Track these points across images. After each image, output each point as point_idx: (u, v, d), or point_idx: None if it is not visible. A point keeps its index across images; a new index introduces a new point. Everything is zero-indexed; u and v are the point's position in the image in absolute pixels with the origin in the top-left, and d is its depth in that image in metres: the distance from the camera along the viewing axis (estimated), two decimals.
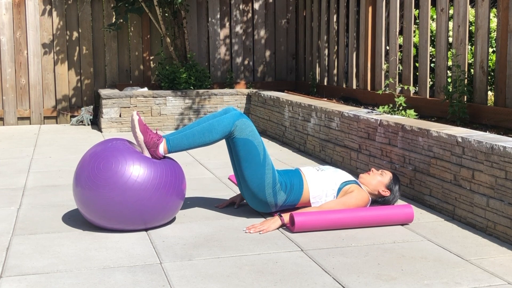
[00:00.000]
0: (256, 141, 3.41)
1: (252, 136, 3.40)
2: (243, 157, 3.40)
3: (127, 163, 3.15)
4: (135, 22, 8.10)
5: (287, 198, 3.49)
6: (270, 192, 3.43)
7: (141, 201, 3.13)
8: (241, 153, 3.41)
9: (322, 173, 3.58)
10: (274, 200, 3.46)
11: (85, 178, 3.17)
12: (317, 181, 3.53)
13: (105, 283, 2.55)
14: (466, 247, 3.01)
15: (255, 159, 3.40)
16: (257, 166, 3.40)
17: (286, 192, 3.48)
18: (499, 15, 4.44)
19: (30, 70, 7.84)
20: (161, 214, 3.24)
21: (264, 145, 3.45)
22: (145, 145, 3.26)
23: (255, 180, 3.41)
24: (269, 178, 3.42)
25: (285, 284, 2.53)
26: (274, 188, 3.44)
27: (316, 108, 5.47)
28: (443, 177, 3.59)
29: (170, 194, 3.22)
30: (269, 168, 3.43)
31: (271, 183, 3.42)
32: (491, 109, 4.50)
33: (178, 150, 3.35)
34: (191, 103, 7.43)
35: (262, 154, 3.41)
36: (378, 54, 6.12)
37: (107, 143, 3.30)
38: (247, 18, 8.42)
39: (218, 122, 3.36)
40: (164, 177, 3.19)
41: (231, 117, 3.38)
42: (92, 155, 3.24)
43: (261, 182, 3.41)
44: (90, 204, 3.16)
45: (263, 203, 3.47)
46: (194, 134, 3.36)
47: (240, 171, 3.45)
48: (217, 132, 3.35)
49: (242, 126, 3.38)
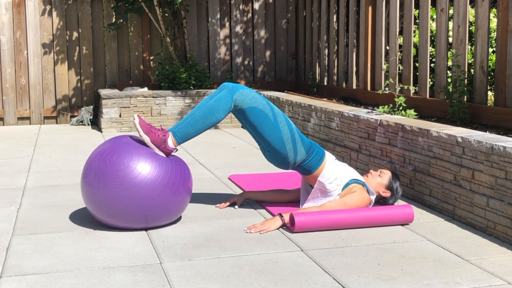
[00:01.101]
0: (260, 105, 3.45)
1: (255, 102, 3.44)
2: (255, 123, 3.46)
3: (140, 159, 3.17)
4: (135, 22, 8.10)
5: (306, 159, 3.53)
6: (291, 147, 3.49)
7: (147, 199, 3.14)
8: (251, 121, 3.46)
9: (340, 164, 3.65)
10: (294, 155, 3.51)
11: (95, 169, 3.19)
12: (334, 166, 3.58)
13: (105, 283, 2.55)
14: (466, 247, 3.01)
15: (266, 121, 3.45)
16: (271, 127, 3.46)
17: (307, 152, 3.52)
18: (499, 15, 4.44)
19: (30, 70, 7.84)
20: (165, 214, 3.24)
21: (271, 104, 3.51)
22: (154, 145, 3.27)
23: (274, 139, 3.47)
24: (286, 134, 3.48)
25: (285, 284, 2.53)
26: (294, 143, 3.49)
27: (316, 108, 5.46)
28: (443, 177, 3.59)
29: (177, 195, 3.24)
30: (284, 124, 3.48)
31: (289, 138, 3.48)
32: (491, 109, 4.50)
33: (187, 139, 3.39)
34: (191, 103, 7.43)
35: (271, 114, 3.47)
36: (378, 54, 6.12)
37: (122, 138, 3.33)
38: (247, 18, 8.42)
39: (217, 102, 3.39)
40: (174, 177, 3.22)
41: (228, 93, 3.41)
42: (105, 149, 3.25)
43: (280, 139, 3.47)
44: (98, 198, 3.17)
45: (283, 158, 3.52)
46: (197, 120, 3.38)
47: (257, 136, 3.52)
48: (219, 111, 3.39)
49: (241, 97, 3.42)
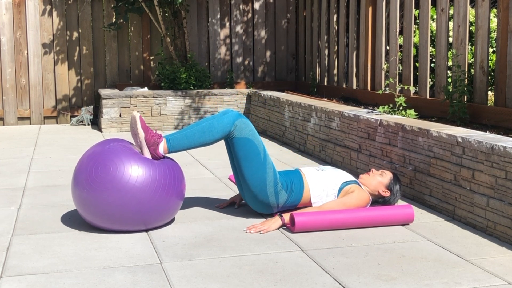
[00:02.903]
0: (256, 141, 3.41)
1: (252, 135, 3.40)
2: (244, 157, 3.40)
3: (125, 166, 3.12)
4: (135, 22, 8.10)
5: (288, 198, 3.48)
6: (272, 191, 3.43)
7: (141, 203, 3.11)
8: (241, 153, 3.40)
9: (323, 173, 3.57)
10: (275, 200, 3.45)
11: (83, 182, 3.14)
12: (318, 181, 3.52)
13: (105, 283, 2.55)
14: (466, 247, 3.01)
15: (256, 158, 3.40)
16: (258, 165, 3.40)
17: (287, 191, 3.47)
18: (499, 15, 4.44)
19: (30, 70, 7.84)
20: (161, 215, 3.23)
21: (264, 145, 3.46)
22: (146, 143, 3.26)
23: (256, 180, 3.41)
24: (270, 177, 3.42)
25: (285, 284, 2.53)
26: (275, 187, 3.43)
27: (316, 108, 5.46)
28: (443, 177, 3.59)
29: (170, 195, 3.20)
30: (270, 167, 3.43)
31: (272, 182, 3.42)
32: (491, 109, 4.50)
33: (178, 150, 3.35)
34: (191, 103, 7.43)
35: (263, 153, 3.41)
36: (378, 54, 6.12)
37: (105, 145, 3.26)
38: (247, 18, 8.41)
39: (218, 122, 3.37)
40: (163, 179, 3.18)
41: (231, 117, 3.39)
42: (90, 159, 3.20)
43: (262, 181, 3.41)
44: (89, 207, 3.15)
45: (265, 203, 3.47)
46: (195, 134, 3.36)
47: (240, 171, 3.44)
48: (217, 131, 3.36)
49: (242, 126, 3.39)
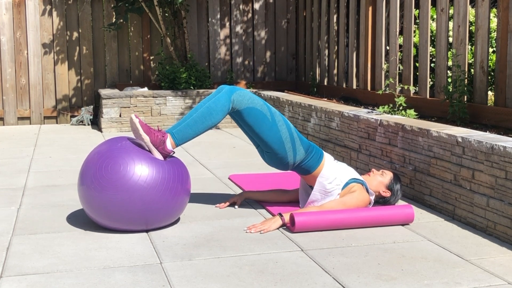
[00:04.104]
0: (258, 106, 3.45)
1: (252, 102, 3.45)
2: (253, 125, 3.46)
3: (135, 165, 3.12)
4: (135, 22, 8.10)
5: (306, 159, 3.53)
6: (290, 146, 3.48)
7: (147, 203, 3.12)
8: (249, 122, 3.46)
9: (338, 164, 3.64)
10: (293, 155, 3.50)
11: (91, 178, 3.14)
12: (333, 166, 3.58)
13: (105, 283, 2.55)
14: (466, 247, 3.01)
15: (264, 121, 3.45)
16: (269, 127, 3.45)
17: (306, 151, 3.52)
18: (499, 15, 4.44)
19: (30, 70, 7.84)
20: (166, 216, 3.23)
21: (268, 105, 3.51)
22: (153, 145, 3.25)
23: (272, 139, 3.46)
24: (285, 133, 3.48)
25: (285, 284, 2.53)
26: (293, 142, 3.48)
27: (316, 108, 5.46)
28: (443, 177, 3.59)
29: (176, 197, 3.21)
30: (282, 124, 3.48)
31: (288, 137, 3.48)
32: (491, 109, 4.50)
33: (185, 141, 3.37)
34: (191, 103, 7.43)
35: (269, 114, 3.47)
36: (378, 54, 6.12)
37: (117, 143, 3.26)
38: (247, 18, 8.42)
39: (215, 103, 3.39)
40: (172, 181, 3.18)
41: (226, 94, 3.41)
42: (100, 155, 3.20)
43: (278, 139, 3.46)
44: (94, 204, 3.15)
45: (283, 159, 3.51)
46: (196, 121, 3.37)
47: (255, 137, 3.51)
48: (217, 112, 3.38)
49: (239, 98, 3.42)
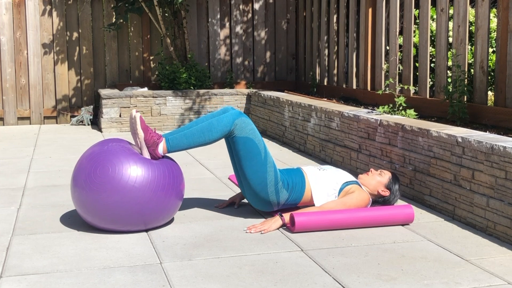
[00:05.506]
0: (256, 139, 3.40)
1: (253, 134, 3.39)
2: (244, 156, 3.39)
3: (124, 166, 3.11)
4: (135, 22, 8.10)
5: (289, 197, 3.48)
6: (273, 190, 3.42)
7: (140, 203, 3.11)
8: (242, 152, 3.39)
9: (324, 173, 3.57)
10: (276, 198, 3.45)
11: (82, 183, 3.14)
12: (319, 180, 3.52)
13: (105, 283, 2.55)
14: (466, 247, 3.01)
15: (257, 157, 3.39)
16: (259, 164, 3.39)
17: (288, 190, 3.47)
18: (499, 15, 4.44)
19: (30, 70, 7.84)
20: (161, 215, 3.23)
21: (264, 143, 3.45)
22: (145, 143, 3.25)
23: (257, 178, 3.40)
24: (271, 176, 3.41)
25: (285, 284, 2.53)
26: (276, 186, 3.43)
27: (316, 108, 5.46)
28: (443, 177, 3.59)
29: (169, 195, 3.20)
30: (271, 166, 3.42)
31: (273, 181, 3.41)
32: (491, 109, 4.50)
33: (177, 150, 3.34)
34: (191, 103, 7.43)
35: (263, 152, 3.40)
36: (378, 54, 6.12)
37: (104, 145, 3.25)
38: (247, 18, 8.42)
39: (217, 121, 3.35)
40: (162, 178, 3.17)
41: (231, 116, 3.36)
42: (88, 159, 3.19)
43: (263, 180, 3.40)
44: (89, 207, 3.15)
45: (265, 202, 3.47)
46: (194, 134, 3.34)
47: (241, 170, 3.44)
48: (217, 131, 3.34)
49: (242, 125, 3.37)
